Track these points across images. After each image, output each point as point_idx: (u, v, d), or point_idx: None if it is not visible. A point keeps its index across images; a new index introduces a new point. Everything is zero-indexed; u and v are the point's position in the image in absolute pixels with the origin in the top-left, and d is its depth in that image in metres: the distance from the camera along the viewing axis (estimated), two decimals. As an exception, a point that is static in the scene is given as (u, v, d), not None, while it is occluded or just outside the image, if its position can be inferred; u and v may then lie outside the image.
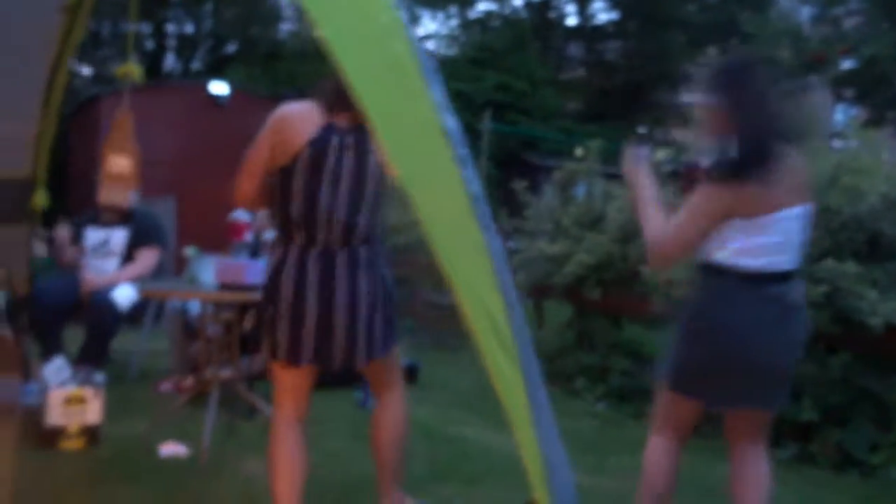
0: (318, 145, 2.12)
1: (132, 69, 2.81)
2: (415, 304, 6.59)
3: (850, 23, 10.73)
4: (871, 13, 10.12)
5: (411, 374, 4.65)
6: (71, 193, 8.49)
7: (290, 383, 2.25)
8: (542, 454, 1.15)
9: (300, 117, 2.16)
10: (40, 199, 3.72)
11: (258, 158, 2.22)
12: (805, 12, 11.69)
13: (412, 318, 6.49)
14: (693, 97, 2.24)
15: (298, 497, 2.22)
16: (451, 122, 1.10)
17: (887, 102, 10.17)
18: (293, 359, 2.17)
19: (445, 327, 6.21)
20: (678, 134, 16.65)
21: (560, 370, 4.87)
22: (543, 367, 1.59)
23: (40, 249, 4.30)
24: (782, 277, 2.11)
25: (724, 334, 2.09)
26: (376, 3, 1.05)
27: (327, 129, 2.14)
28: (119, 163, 3.95)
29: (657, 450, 2.28)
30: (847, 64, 10.50)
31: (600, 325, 4.99)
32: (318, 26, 1.00)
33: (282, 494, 2.21)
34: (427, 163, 1.08)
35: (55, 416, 3.17)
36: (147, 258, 4.24)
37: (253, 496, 2.77)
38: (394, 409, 2.44)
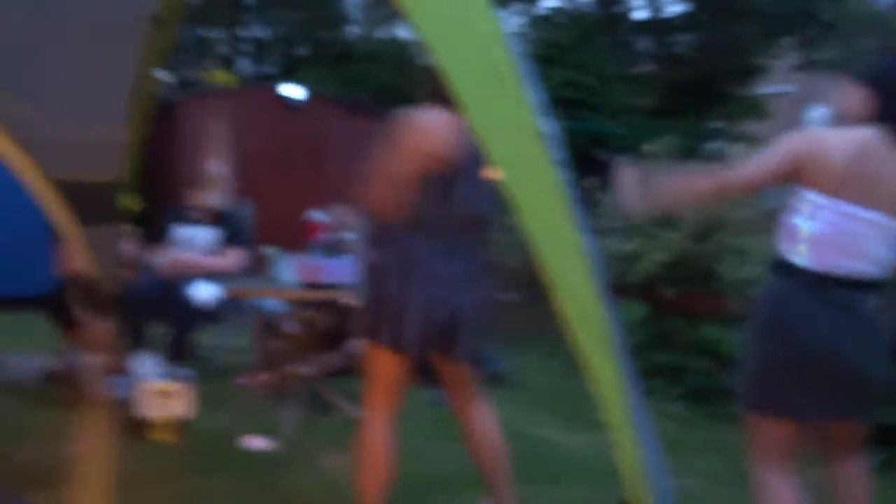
0: (460, 147, 2.16)
1: (224, 75, 2.91)
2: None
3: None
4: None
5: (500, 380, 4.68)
6: (151, 194, 8.81)
7: (393, 378, 2.28)
8: (641, 455, 1.15)
9: (439, 123, 2.17)
10: (130, 201, 3.88)
11: (401, 166, 2.19)
12: (889, -1, 11.21)
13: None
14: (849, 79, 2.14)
15: (385, 496, 2.25)
16: (548, 125, 1.12)
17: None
18: (418, 348, 2.21)
19: (510, 326, 6.19)
20: (751, 128, 16.18)
21: (635, 369, 4.80)
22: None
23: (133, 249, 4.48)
24: (854, 285, 1.98)
25: (780, 329, 2.00)
26: (476, 10, 1.08)
27: (461, 130, 2.15)
28: (214, 165, 4.12)
29: (771, 487, 2.07)
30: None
31: (676, 324, 4.90)
32: (420, 32, 1.03)
33: (370, 493, 2.23)
34: (527, 165, 1.11)
35: (145, 408, 3.31)
36: (236, 256, 4.38)
37: (332, 489, 2.83)
38: (486, 417, 2.45)
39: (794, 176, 2.01)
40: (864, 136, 1.97)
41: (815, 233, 1.98)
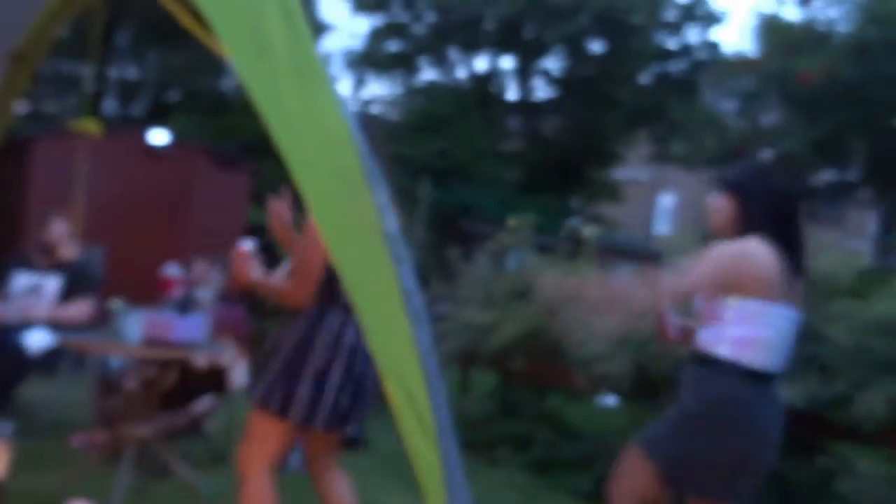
0: None
1: (90, 125, 2.84)
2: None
3: (768, 119, 11.48)
4: (788, 111, 10.86)
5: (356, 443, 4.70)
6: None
7: (284, 445, 2.31)
8: None
9: None
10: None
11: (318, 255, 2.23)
12: (728, 105, 12.46)
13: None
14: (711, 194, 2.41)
15: None
16: (392, 224, 1.21)
17: (805, 195, 10.87)
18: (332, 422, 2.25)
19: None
20: (606, 209, 17.26)
21: (482, 439, 4.91)
22: (465, 435, 1.65)
23: None
24: (773, 378, 2.24)
25: (742, 425, 2.19)
26: (327, 114, 1.16)
27: None
28: (71, 213, 3.96)
29: None
30: (767, 155, 11.20)
31: (525, 394, 5.08)
32: (276, 137, 1.10)
33: None
34: (367, 259, 1.19)
35: (-43, 468, 3.04)
36: (80, 307, 4.16)
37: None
38: (344, 482, 2.51)
39: (725, 286, 2.22)
40: (761, 244, 2.20)
41: (756, 336, 2.19)
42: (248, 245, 3.33)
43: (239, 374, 3.83)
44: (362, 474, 4.16)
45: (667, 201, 21.66)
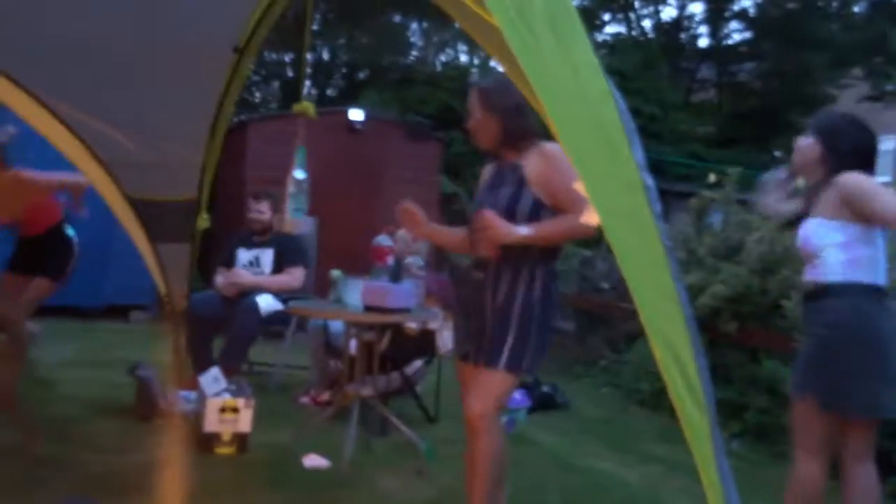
0: None
1: (308, 107, 3.05)
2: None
3: None
4: None
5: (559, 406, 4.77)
6: (218, 215, 9.08)
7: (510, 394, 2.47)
8: (727, 498, 1.19)
9: None
10: (203, 221, 4.04)
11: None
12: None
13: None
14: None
15: None
16: (650, 180, 1.20)
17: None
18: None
19: (564, 353, 6.19)
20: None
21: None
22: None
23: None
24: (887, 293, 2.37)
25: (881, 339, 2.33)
26: (588, 73, 1.16)
27: None
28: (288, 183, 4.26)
29: (806, 463, 2.42)
30: None
31: (736, 359, 4.81)
32: (538, 94, 1.12)
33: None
34: (630, 214, 1.19)
35: (211, 423, 3.42)
36: (295, 274, 4.53)
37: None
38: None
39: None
40: None
41: (865, 256, 2.36)
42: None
43: (446, 338, 3.96)
44: (568, 437, 4.19)
45: (887, 145, 19.47)
